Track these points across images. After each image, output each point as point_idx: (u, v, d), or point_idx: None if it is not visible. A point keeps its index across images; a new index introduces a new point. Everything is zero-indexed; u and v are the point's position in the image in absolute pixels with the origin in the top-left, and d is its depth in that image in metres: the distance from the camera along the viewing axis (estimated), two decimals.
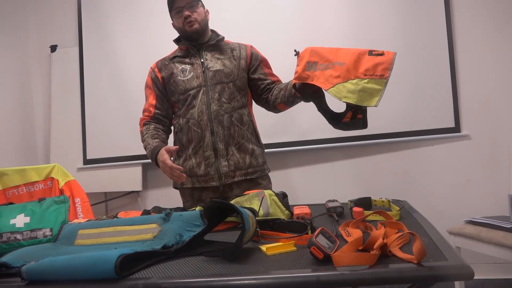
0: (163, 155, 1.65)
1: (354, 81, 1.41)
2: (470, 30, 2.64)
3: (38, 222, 1.35)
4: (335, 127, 1.52)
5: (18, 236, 1.30)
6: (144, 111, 1.90)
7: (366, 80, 1.40)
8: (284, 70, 1.89)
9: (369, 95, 1.39)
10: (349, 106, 1.44)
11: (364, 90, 1.39)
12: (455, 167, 2.65)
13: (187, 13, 1.75)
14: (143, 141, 1.85)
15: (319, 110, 1.58)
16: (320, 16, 2.78)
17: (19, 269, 0.93)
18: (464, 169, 2.64)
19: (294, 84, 1.51)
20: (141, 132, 1.87)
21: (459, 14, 2.65)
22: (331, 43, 2.67)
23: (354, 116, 1.49)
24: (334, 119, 1.53)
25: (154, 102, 1.86)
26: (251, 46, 1.90)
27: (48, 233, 1.33)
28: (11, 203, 1.52)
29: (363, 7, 2.73)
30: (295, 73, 1.50)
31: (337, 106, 1.46)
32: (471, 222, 2.18)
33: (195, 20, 1.77)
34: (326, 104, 1.56)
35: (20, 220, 1.34)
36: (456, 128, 2.63)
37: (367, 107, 1.41)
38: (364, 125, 1.49)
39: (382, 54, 1.42)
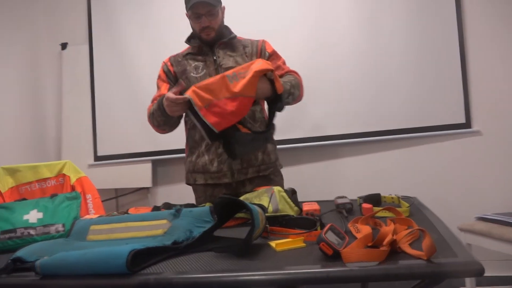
0: (167, 95, 1.55)
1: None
2: (481, 24, 2.61)
3: (51, 217, 1.37)
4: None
5: (32, 232, 1.32)
6: (153, 99, 1.83)
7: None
8: (295, 64, 1.90)
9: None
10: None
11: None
12: (466, 163, 2.63)
13: (206, 23, 1.72)
14: (151, 114, 1.77)
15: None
16: (331, 12, 2.77)
17: (33, 263, 0.95)
18: (475, 165, 2.61)
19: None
20: (149, 109, 1.80)
21: (470, 8, 2.62)
22: (340, 36, 2.69)
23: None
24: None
25: (166, 92, 1.83)
26: (263, 41, 1.87)
27: (60, 228, 1.35)
28: (24, 199, 1.55)
29: (374, 3, 2.71)
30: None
31: None
32: (482, 219, 2.17)
33: (213, 30, 1.75)
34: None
35: (33, 216, 1.37)
36: (467, 124, 2.60)
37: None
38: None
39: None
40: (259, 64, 1.49)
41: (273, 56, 1.86)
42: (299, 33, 2.79)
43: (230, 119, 1.49)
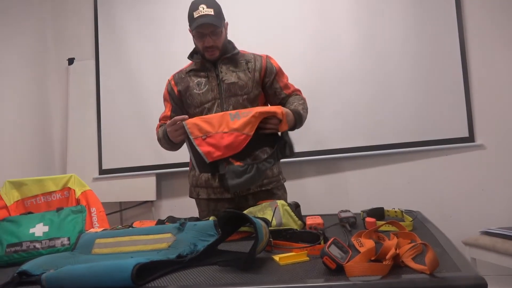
0: (167, 123, 1.66)
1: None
2: (483, 37, 2.63)
3: (57, 231, 1.38)
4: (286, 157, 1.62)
5: (37, 245, 1.33)
6: (160, 119, 1.93)
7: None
8: (297, 78, 1.92)
9: None
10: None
11: None
12: (469, 177, 2.63)
13: (210, 43, 1.73)
14: (158, 139, 1.84)
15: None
16: (331, 22, 2.81)
17: (39, 277, 0.96)
18: (479, 179, 2.61)
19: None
20: (157, 132, 1.87)
21: (472, 20, 2.64)
22: (342, 50, 2.72)
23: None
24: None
25: (169, 113, 1.88)
26: (267, 57, 1.88)
27: (66, 242, 1.36)
28: (30, 213, 1.56)
29: (373, 13, 2.75)
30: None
31: None
32: (487, 233, 2.16)
33: (217, 49, 1.76)
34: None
35: (39, 229, 1.38)
36: (470, 138, 2.61)
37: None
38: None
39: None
40: (264, 108, 1.60)
41: (279, 73, 1.87)
42: (300, 44, 2.83)
43: (223, 152, 1.54)
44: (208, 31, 1.71)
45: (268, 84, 1.85)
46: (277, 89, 1.85)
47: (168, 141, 1.74)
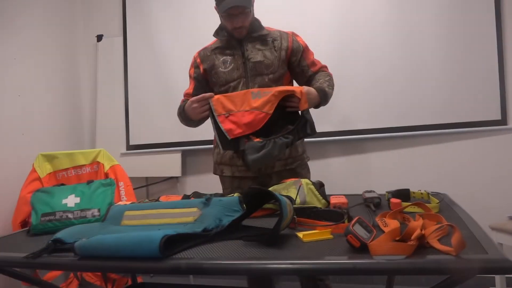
0: (190, 100, 1.69)
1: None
2: None
3: (87, 202, 1.44)
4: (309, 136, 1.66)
5: (70, 215, 1.39)
6: (184, 95, 1.94)
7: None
8: (324, 55, 1.89)
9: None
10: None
11: None
12: (500, 161, 2.55)
13: (239, 24, 1.72)
14: (178, 114, 1.88)
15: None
16: (363, 3, 2.72)
17: (72, 245, 1.01)
18: (510, 163, 2.53)
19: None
20: (179, 107, 1.89)
21: (509, 2, 2.52)
22: (373, 28, 2.65)
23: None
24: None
25: (191, 91, 1.88)
26: (292, 34, 1.86)
27: (96, 213, 1.41)
28: (62, 184, 1.62)
29: None
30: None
31: None
32: None
33: (245, 28, 1.76)
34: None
35: (71, 200, 1.44)
36: (503, 121, 2.52)
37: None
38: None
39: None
40: (284, 87, 1.65)
41: (306, 50, 1.85)
42: (329, 25, 2.76)
43: (244, 130, 1.60)
44: (237, 11, 1.69)
45: (295, 63, 1.83)
46: (304, 67, 1.83)
47: (185, 118, 1.79)
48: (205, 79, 1.88)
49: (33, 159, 2.37)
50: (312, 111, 1.67)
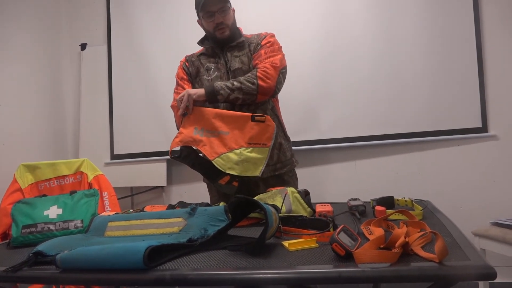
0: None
1: (238, 151, 1.59)
2: (499, 27, 2.58)
3: (70, 213, 1.42)
4: (211, 182, 1.69)
5: (52, 227, 1.37)
6: (174, 93, 1.88)
7: (249, 149, 1.59)
8: (306, 67, 1.90)
9: (253, 164, 1.59)
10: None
11: (247, 161, 1.58)
12: (481, 167, 2.60)
13: (220, 19, 1.75)
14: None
15: (192, 167, 1.75)
16: (343, 6, 2.76)
17: (54, 257, 0.98)
18: (491, 170, 2.58)
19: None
20: (172, 106, 1.84)
21: (488, 11, 2.59)
22: (355, 38, 2.68)
23: (231, 181, 1.64)
24: (210, 176, 1.69)
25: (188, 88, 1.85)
26: (266, 34, 1.85)
27: (79, 224, 1.39)
28: (44, 195, 1.59)
29: (390, 6, 2.70)
30: (179, 133, 1.72)
31: None
32: (497, 224, 2.14)
33: (227, 27, 1.78)
34: (200, 159, 1.73)
35: (53, 212, 1.41)
36: (484, 128, 2.57)
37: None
38: (236, 192, 1.64)
39: (263, 120, 1.61)
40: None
41: (263, 46, 1.80)
42: (313, 34, 2.79)
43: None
44: (216, 8, 1.74)
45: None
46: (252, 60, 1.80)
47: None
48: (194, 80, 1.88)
49: (15, 169, 2.32)
50: (298, 118, 1.67)
